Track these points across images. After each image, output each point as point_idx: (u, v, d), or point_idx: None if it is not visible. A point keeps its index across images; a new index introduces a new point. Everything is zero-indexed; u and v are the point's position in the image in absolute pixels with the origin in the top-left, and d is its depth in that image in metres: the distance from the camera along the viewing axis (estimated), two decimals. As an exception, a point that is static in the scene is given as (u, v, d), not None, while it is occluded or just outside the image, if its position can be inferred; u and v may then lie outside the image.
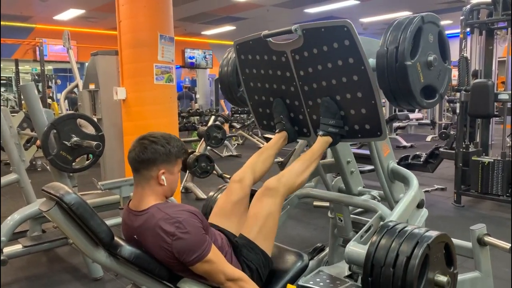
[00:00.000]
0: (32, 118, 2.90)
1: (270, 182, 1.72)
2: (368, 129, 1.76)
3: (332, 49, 1.66)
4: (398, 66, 1.55)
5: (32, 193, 3.36)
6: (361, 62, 1.61)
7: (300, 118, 2.00)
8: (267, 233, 1.66)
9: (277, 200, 1.68)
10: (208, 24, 12.60)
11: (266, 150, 2.00)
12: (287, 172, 1.77)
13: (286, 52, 1.82)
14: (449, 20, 12.26)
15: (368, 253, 1.49)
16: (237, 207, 1.80)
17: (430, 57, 1.62)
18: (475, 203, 4.62)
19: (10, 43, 11.01)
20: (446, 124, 9.83)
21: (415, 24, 1.57)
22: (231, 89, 2.28)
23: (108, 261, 1.45)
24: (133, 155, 1.52)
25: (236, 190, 1.83)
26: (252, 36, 1.92)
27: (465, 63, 4.35)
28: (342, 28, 1.60)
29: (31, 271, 3.05)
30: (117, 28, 3.91)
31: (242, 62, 2.06)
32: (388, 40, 1.58)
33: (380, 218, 1.85)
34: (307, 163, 1.80)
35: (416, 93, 1.59)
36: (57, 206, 1.35)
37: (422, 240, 1.42)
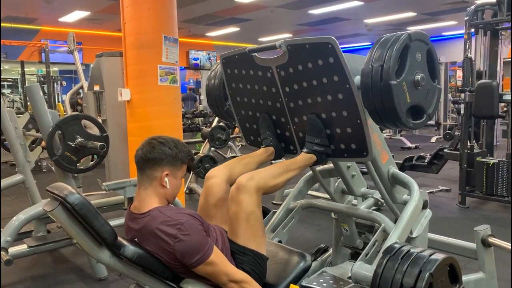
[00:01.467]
0: (37, 119, 2.92)
1: (242, 178, 1.64)
2: (354, 148, 1.72)
3: (317, 66, 1.63)
4: (382, 85, 1.48)
5: (37, 194, 3.38)
6: (346, 81, 1.58)
7: (286, 135, 1.97)
8: (252, 232, 1.62)
9: (253, 198, 1.60)
10: (212, 26, 12.61)
11: (249, 157, 1.94)
12: (263, 171, 1.70)
13: (271, 67, 1.80)
14: (454, 21, 12.21)
15: (373, 282, 1.50)
16: (218, 208, 1.76)
17: (417, 76, 1.55)
18: (480, 204, 4.60)
19: (16, 45, 11.08)
20: (450, 125, 9.78)
21: (401, 41, 1.50)
22: (217, 103, 2.25)
23: (112, 261, 1.46)
24: (141, 153, 1.54)
25: (212, 188, 1.77)
26: (238, 51, 1.90)
27: (470, 64, 4.33)
28: (327, 45, 1.56)
29: (36, 271, 3.07)
30: (121, 29, 3.93)
31: (229, 76, 2.04)
32: (374, 57, 1.52)
33: (384, 232, 1.85)
34: (286, 168, 1.74)
35: (402, 113, 1.52)
36: (61, 206, 1.36)
37: (425, 268, 1.42)
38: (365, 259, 1.72)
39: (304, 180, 2.36)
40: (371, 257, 1.74)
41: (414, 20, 11.93)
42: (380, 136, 1.97)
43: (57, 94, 12.74)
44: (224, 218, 1.74)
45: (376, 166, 1.96)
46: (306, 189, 2.38)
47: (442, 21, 12.31)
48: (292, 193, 2.34)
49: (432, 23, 12.40)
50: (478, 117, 4.53)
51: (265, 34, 13.58)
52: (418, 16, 11.50)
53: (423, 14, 11.40)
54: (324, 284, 1.94)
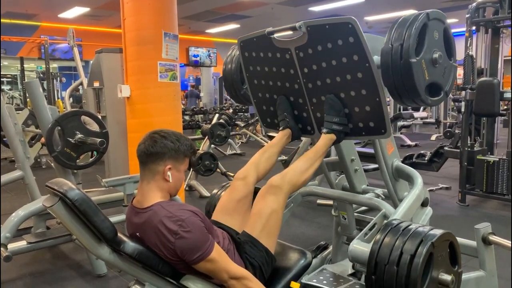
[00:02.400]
0: (37, 115, 2.91)
1: (274, 179, 1.72)
2: (372, 126, 1.75)
3: (337, 46, 1.65)
4: (403, 63, 1.53)
5: (37, 190, 3.37)
6: (365, 59, 1.60)
7: (304, 116, 1.99)
8: (270, 230, 1.66)
9: (280, 198, 1.68)
10: (212, 22, 12.60)
11: (270, 148, 2.00)
12: (291, 170, 1.77)
13: (290, 49, 1.81)
14: (455, 19, 12.19)
15: (371, 251, 1.47)
16: (240, 205, 1.80)
17: (435, 54, 1.60)
18: (480, 202, 4.60)
19: (15, 41, 11.05)
20: (451, 123, 9.78)
21: (420, 21, 1.55)
22: (234, 87, 2.28)
23: (112, 257, 1.46)
24: (143, 147, 1.53)
25: (239, 187, 1.83)
26: (256, 33, 1.92)
27: (471, 61, 4.32)
28: (347, 25, 1.59)
29: (35, 268, 3.07)
30: (121, 26, 3.91)
31: (246, 59, 2.05)
32: (393, 37, 1.57)
33: (384, 217, 1.84)
34: (311, 161, 1.80)
35: (421, 90, 1.57)
36: (61, 202, 1.35)
37: (427, 238, 1.41)
38: (363, 239, 1.69)
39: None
40: (369, 238, 1.70)
41: (414, 17, 11.89)
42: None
43: (57, 91, 12.74)
44: (242, 215, 1.78)
45: (383, 155, 1.98)
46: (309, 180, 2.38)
47: (443, 19, 12.27)
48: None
49: (433, 21, 12.37)
50: (479, 115, 4.52)
51: (265, 31, 13.55)
52: (419, 13, 11.47)
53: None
54: (324, 282, 1.93)
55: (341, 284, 1.90)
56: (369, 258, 1.47)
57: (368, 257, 1.48)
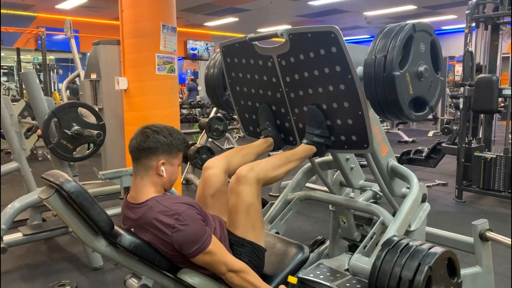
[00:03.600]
0: (33, 106, 2.88)
1: (243, 169, 1.62)
2: (354, 140, 1.70)
3: (319, 55, 1.60)
4: (386, 76, 1.46)
5: (33, 182, 3.35)
6: (348, 71, 1.55)
7: (286, 126, 1.95)
8: (251, 223, 1.61)
9: (253, 189, 1.59)
10: (210, 15, 12.53)
11: (248, 148, 1.92)
12: (264, 162, 1.68)
13: (272, 56, 1.77)
14: (454, 15, 12.18)
15: (371, 274, 1.49)
16: (216, 198, 1.74)
17: (420, 67, 1.53)
18: (477, 199, 4.61)
19: (12, 32, 10.95)
20: (448, 120, 9.79)
21: (405, 32, 1.48)
22: (216, 93, 2.22)
23: (108, 250, 1.45)
24: (135, 143, 1.51)
25: (210, 179, 1.75)
26: (238, 39, 1.87)
27: (470, 58, 4.31)
28: (329, 34, 1.53)
29: (31, 260, 3.06)
30: (119, 17, 3.88)
31: (229, 65, 2.01)
32: (377, 47, 1.50)
33: (383, 225, 1.84)
34: (286, 160, 1.72)
35: (404, 105, 1.51)
36: (57, 194, 1.34)
37: (424, 262, 1.41)
38: (363, 252, 1.72)
39: (302, 172, 2.35)
40: (369, 250, 1.74)
41: (414, 13, 11.89)
42: (380, 128, 1.95)
43: (53, 82, 12.67)
44: (222, 209, 1.73)
45: (376, 159, 1.95)
46: (304, 181, 2.37)
47: (442, 15, 12.28)
48: (290, 184, 2.32)
49: (432, 17, 12.37)
50: (477, 112, 4.52)
51: (264, 25, 13.51)
52: (419, 9, 11.46)
53: (424, 8, 11.36)
54: (321, 276, 1.93)
55: (338, 279, 1.90)
56: (369, 283, 1.49)
57: (368, 282, 1.49)
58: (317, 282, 1.88)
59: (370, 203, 2.04)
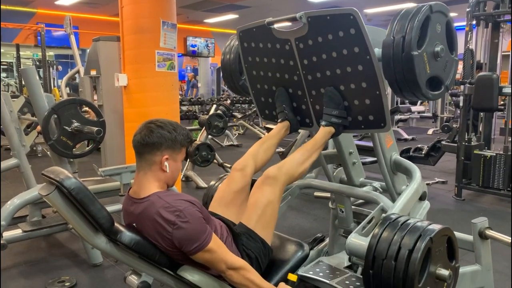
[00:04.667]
0: (33, 102, 2.88)
1: (270, 170, 1.71)
2: (371, 120, 1.74)
3: (337, 37, 1.63)
4: (404, 56, 1.51)
5: (32, 178, 3.35)
6: (366, 52, 1.58)
7: (302, 108, 1.98)
8: (266, 221, 1.65)
9: (276, 189, 1.67)
10: (210, 12, 12.49)
11: (268, 140, 1.98)
12: (288, 161, 1.76)
13: (290, 40, 1.79)
14: (455, 13, 12.15)
15: (370, 245, 1.47)
16: (238, 196, 1.79)
17: (437, 47, 1.58)
18: (476, 197, 4.61)
19: (11, 28, 10.91)
20: (448, 118, 9.79)
21: (423, 13, 1.53)
22: (233, 78, 2.25)
23: (108, 247, 1.45)
24: (139, 138, 1.51)
25: (237, 178, 1.82)
26: (256, 23, 1.89)
27: (470, 55, 4.30)
28: (348, 16, 1.56)
29: (31, 256, 3.06)
30: (119, 14, 3.86)
31: (245, 49, 2.03)
32: (395, 29, 1.55)
33: (382, 210, 1.84)
34: (308, 153, 1.79)
35: (422, 84, 1.56)
36: (57, 190, 1.33)
37: (425, 233, 1.41)
38: (361, 233, 1.69)
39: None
40: (367, 232, 1.71)
41: (414, 11, 11.84)
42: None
43: (53, 79, 12.64)
44: (238, 206, 1.77)
45: (382, 148, 1.97)
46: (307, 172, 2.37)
47: (443, 13, 12.22)
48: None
49: (432, 15, 12.32)
50: (477, 110, 4.51)
51: (264, 22, 13.46)
52: (419, 7, 11.42)
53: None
54: (321, 274, 1.94)
55: (338, 277, 1.91)
56: (367, 252, 1.47)
57: (366, 251, 1.48)
58: (316, 279, 1.89)
59: (370, 191, 2.04)
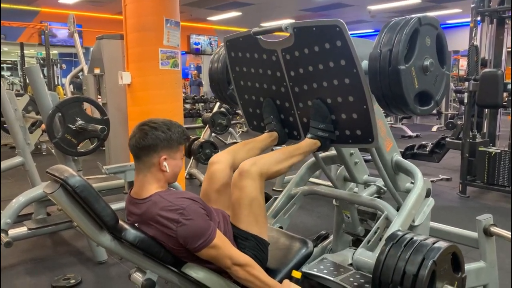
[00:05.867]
0: (37, 100, 2.89)
1: (245, 163, 1.62)
2: (359, 135, 1.70)
3: (324, 49, 1.59)
4: (391, 70, 1.46)
5: (37, 176, 3.36)
6: (353, 65, 1.54)
7: (290, 120, 1.95)
8: (255, 218, 1.61)
9: (256, 183, 1.59)
10: (214, 10, 12.48)
11: (253, 142, 1.92)
12: (266, 157, 1.68)
13: (276, 51, 1.76)
14: (458, 9, 12.08)
15: (375, 269, 1.49)
16: (221, 193, 1.75)
17: (426, 61, 1.53)
18: (480, 193, 4.60)
19: (15, 26, 10.95)
20: (452, 114, 9.75)
21: (411, 25, 1.47)
22: (220, 87, 2.21)
23: (113, 244, 1.45)
24: (134, 142, 1.50)
25: (216, 174, 1.76)
26: (242, 33, 1.86)
27: (475, 52, 4.28)
28: (334, 28, 1.52)
29: (36, 254, 3.07)
30: (122, 12, 3.87)
31: (233, 59, 2.00)
32: (382, 41, 1.49)
33: (387, 219, 1.83)
34: (289, 154, 1.72)
35: (410, 99, 1.50)
36: (62, 188, 1.34)
37: (428, 256, 1.41)
38: (367, 246, 1.72)
39: (306, 166, 2.34)
40: (372, 245, 1.74)
41: (418, 7, 11.80)
42: (385, 123, 1.95)
43: (57, 77, 12.68)
44: (227, 203, 1.73)
45: (380, 153, 1.95)
46: (308, 176, 2.37)
47: (447, 9, 12.18)
48: (294, 179, 2.32)
49: (437, 11, 12.27)
50: (481, 106, 4.49)
51: (267, 19, 13.44)
52: (423, 3, 11.37)
53: (428, 1, 11.27)
54: (325, 271, 1.94)
55: (342, 274, 1.91)
56: (373, 277, 1.49)
57: (372, 275, 1.49)
58: (321, 276, 1.89)
59: (374, 198, 2.04)
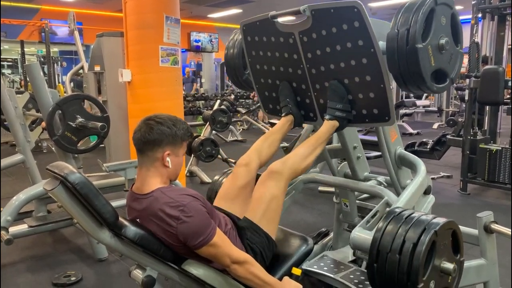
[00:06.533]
0: (37, 98, 2.89)
1: (275, 165, 1.71)
2: (376, 113, 1.73)
3: (341, 30, 1.62)
4: (408, 49, 1.50)
5: (38, 174, 3.37)
6: (370, 45, 1.57)
7: (306, 102, 1.97)
8: (271, 216, 1.66)
9: (281, 184, 1.67)
10: (214, 7, 12.45)
11: (272, 135, 1.98)
12: (293, 156, 1.75)
13: (293, 33, 1.78)
14: (460, 6, 12.04)
15: (374, 239, 1.46)
16: (243, 191, 1.79)
17: (442, 40, 1.57)
18: (481, 191, 4.59)
19: (16, 24, 10.94)
20: (453, 112, 9.74)
21: (427, 5, 1.51)
22: (236, 72, 2.24)
23: (113, 241, 1.45)
24: (139, 135, 1.50)
25: (242, 174, 1.82)
26: (259, 17, 1.88)
27: (476, 49, 4.27)
28: (352, 9, 1.55)
29: (37, 251, 3.08)
30: (122, 9, 3.86)
31: (249, 44, 2.02)
32: (399, 22, 1.53)
33: (387, 204, 1.83)
34: (312, 147, 1.78)
35: (427, 77, 1.54)
36: (62, 185, 1.34)
37: (429, 226, 1.39)
38: (365, 226, 1.68)
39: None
40: (371, 226, 1.68)
41: (419, 4, 11.74)
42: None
43: (57, 75, 12.67)
44: (243, 201, 1.77)
45: (386, 142, 1.96)
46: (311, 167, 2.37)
47: (448, 6, 12.11)
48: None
49: (438, 8, 12.22)
50: (482, 103, 4.48)
51: (268, 17, 13.40)
52: (424, 0, 11.32)
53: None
54: (325, 268, 1.93)
55: (342, 271, 1.90)
56: (371, 246, 1.46)
57: (370, 245, 1.47)
58: (321, 273, 1.88)
59: (374, 185, 2.04)
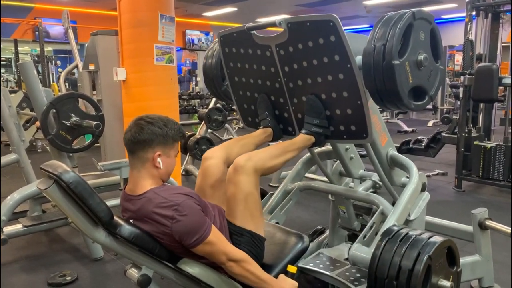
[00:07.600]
0: (31, 96, 2.87)
1: (240, 159, 1.62)
2: (353, 130, 1.70)
3: (318, 45, 1.59)
4: (385, 65, 1.45)
5: (32, 173, 3.35)
6: (347, 60, 1.54)
7: (285, 116, 1.94)
8: (250, 213, 1.61)
9: (251, 178, 1.59)
10: (209, 5, 12.42)
11: (247, 138, 1.92)
12: (261, 152, 1.69)
13: (270, 46, 1.75)
14: (454, 4, 12.09)
15: (371, 264, 1.49)
16: (216, 188, 1.75)
17: (420, 56, 1.53)
18: (476, 188, 4.62)
19: (9, 23, 10.86)
20: (448, 109, 9.77)
21: (405, 20, 1.47)
22: (215, 83, 2.21)
23: (108, 240, 1.45)
24: (129, 136, 1.49)
25: (210, 169, 1.76)
26: (236, 28, 1.85)
27: (470, 46, 4.29)
28: (328, 23, 1.52)
29: (31, 251, 3.06)
30: (117, 7, 3.84)
31: (227, 55, 1.99)
32: (376, 36, 1.49)
33: (382, 214, 1.84)
34: (284, 149, 1.72)
35: (404, 94, 1.50)
36: (56, 184, 1.33)
37: (424, 251, 1.42)
38: (363, 241, 1.72)
39: (302, 162, 2.35)
40: (368, 240, 1.74)
41: (414, 2, 11.78)
42: (379, 118, 1.95)
43: (52, 74, 12.60)
44: (222, 199, 1.73)
45: (375, 149, 1.95)
46: (304, 171, 2.37)
47: (442, 4, 12.18)
48: (290, 175, 2.32)
49: (432, 6, 12.26)
50: (477, 101, 4.50)
51: (263, 15, 13.39)
52: (419, -3, 11.36)
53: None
54: (321, 265, 1.94)
55: (338, 268, 1.91)
56: (368, 271, 1.50)
57: (368, 270, 1.50)
58: (316, 271, 1.89)
59: (370, 193, 2.05)
